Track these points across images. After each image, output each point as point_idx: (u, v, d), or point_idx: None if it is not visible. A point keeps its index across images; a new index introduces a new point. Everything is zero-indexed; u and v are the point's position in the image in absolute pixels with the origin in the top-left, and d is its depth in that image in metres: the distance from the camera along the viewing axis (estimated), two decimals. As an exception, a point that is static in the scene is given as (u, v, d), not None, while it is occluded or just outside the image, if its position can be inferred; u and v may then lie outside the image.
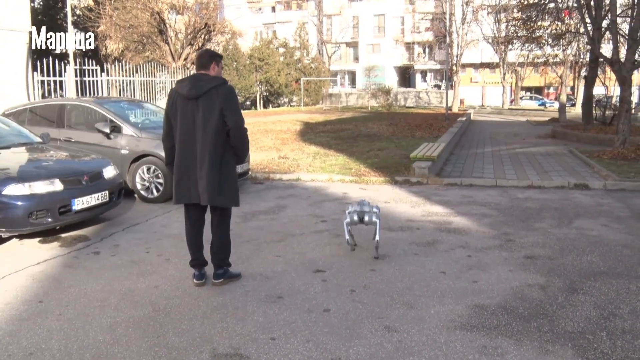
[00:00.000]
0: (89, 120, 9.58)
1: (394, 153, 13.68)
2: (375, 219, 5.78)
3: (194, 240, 5.13)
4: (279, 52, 49.40)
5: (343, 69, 67.30)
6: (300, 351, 3.81)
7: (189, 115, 4.81)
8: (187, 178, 4.88)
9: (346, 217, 5.89)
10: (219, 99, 4.74)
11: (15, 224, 6.31)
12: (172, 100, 4.92)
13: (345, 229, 5.91)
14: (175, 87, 4.99)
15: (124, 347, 3.91)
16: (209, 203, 4.86)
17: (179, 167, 4.92)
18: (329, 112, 37.04)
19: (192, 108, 4.79)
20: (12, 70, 13.43)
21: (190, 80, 4.91)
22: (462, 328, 4.14)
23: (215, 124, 4.74)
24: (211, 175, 4.78)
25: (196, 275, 5.12)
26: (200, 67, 4.94)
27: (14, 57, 13.53)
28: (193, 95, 4.77)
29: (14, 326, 4.31)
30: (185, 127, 4.84)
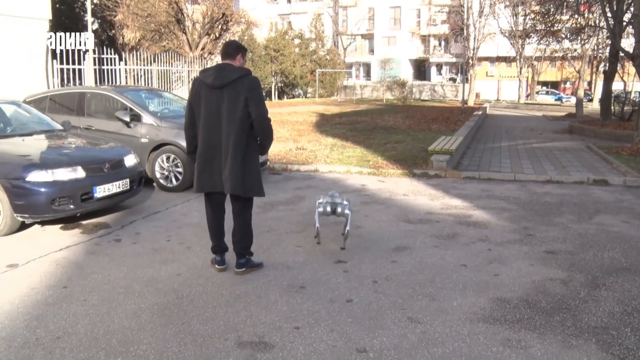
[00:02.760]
0: (108, 109, 9.63)
1: (411, 146, 13.64)
2: (347, 210, 5.82)
3: (216, 228, 5.17)
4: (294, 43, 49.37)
5: (358, 61, 67.09)
6: (325, 340, 3.82)
7: (214, 104, 4.80)
8: (210, 167, 4.88)
9: (318, 207, 5.88)
10: (243, 90, 4.74)
11: (38, 210, 6.37)
12: (196, 89, 4.90)
13: (316, 218, 5.84)
14: (199, 76, 4.96)
15: (149, 333, 3.95)
16: (233, 192, 4.86)
17: (202, 156, 4.91)
18: (344, 104, 36.98)
19: (217, 97, 4.78)
20: (32, 58, 13.52)
21: (215, 69, 4.89)
22: (485, 321, 4.14)
23: (240, 114, 4.75)
24: (235, 164, 4.79)
25: (217, 261, 5.19)
26: (226, 56, 4.93)
27: (35, 45, 13.62)
28: (218, 85, 4.77)
29: (40, 310, 4.37)
30: (209, 116, 4.83)
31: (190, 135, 5.05)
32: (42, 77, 13.73)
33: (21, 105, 8.65)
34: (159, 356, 3.62)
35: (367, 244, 6.05)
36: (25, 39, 13.30)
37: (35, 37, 13.62)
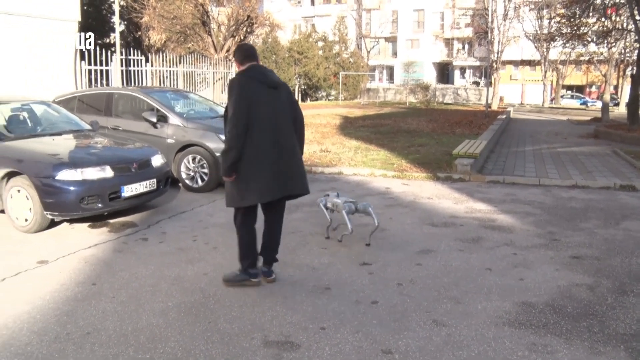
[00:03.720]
0: (135, 109, 9.75)
1: (434, 149, 13.61)
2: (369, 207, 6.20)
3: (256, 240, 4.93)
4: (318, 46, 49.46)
5: (381, 63, 67.00)
6: (350, 341, 3.85)
7: (271, 104, 4.60)
8: (278, 171, 4.61)
9: (344, 208, 6.09)
10: (287, 91, 4.82)
11: (67, 208, 6.48)
12: (254, 90, 4.53)
13: (346, 218, 6.04)
14: (252, 75, 4.60)
15: (177, 331, 4.01)
16: (302, 192, 4.85)
17: (268, 160, 4.56)
18: (367, 107, 36.97)
19: (274, 98, 4.64)
20: (61, 59, 13.74)
21: (264, 69, 4.75)
22: (510, 325, 4.13)
23: (291, 114, 4.78)
24: (301, 164, 4.83)
25: (266, 272, 4.99)
26: (254, 58, 4.77)
27: (64, 46, 13.84)
28: (275, 85, 4.67)
29: (70, 306, 4.45)
30: (273, 117, 4.59)
31: (243, 141, 4.48)
32: (70, 77, 13.95)
33: (51, 105, 8.80)
34: (187, 354, 3.68)
35: (391, 247, 6.06)
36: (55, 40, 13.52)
37: (64, 39, 13.84)
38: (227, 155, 4.48)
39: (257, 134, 4.49)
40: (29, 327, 4.09)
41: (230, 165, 4.49)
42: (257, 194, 4.58)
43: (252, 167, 4.51)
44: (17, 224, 6.66)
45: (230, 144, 4.44)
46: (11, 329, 4.06)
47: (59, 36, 13.67)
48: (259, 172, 4.53)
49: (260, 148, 4.51)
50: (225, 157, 4.50)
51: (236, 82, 4.52)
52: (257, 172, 4.52)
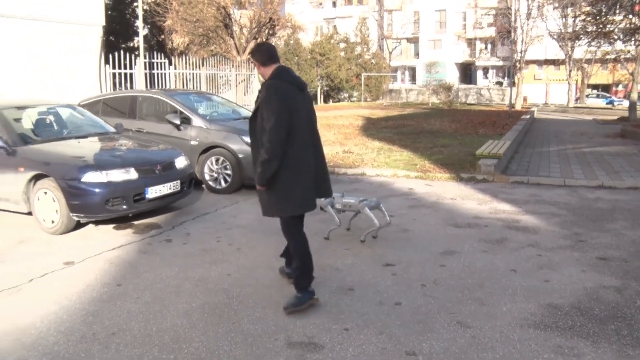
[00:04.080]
0: (159, 112, 9.84)
1: (458, 150, 13.51)
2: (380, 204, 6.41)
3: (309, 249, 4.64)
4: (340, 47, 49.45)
5: (403, 64, 66.76)
6: (374, 342, 3.83)
7: (303, 108, 4.40)
8: (315, 179, 4.45)
9: (364, 207, 6.21)
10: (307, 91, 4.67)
11: (92, 210, 6.56)
12: (291, 95, 4.31)
13: (371, 215, 6.15)
14: (286, 79, 4.38)
15: (200, 332, 4.03)
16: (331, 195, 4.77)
17: (305, 168, 4.36)
18: (389, 108, 36.88)
19: (305, 100, 4.48)
20: (86, 63, 13.92)
21: (292, 71, 4.57)
22: (536, 327, 4.08)
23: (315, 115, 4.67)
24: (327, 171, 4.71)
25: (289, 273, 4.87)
26: (278, 59, 4.54)
27: (89, 50, 14.02)
28: (303, 86, 4.51)
29: (96, 307, 4.50)
30: (304, 122, 4.38)
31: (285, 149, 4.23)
32: (95, 81, 14.12)
33: (76, 109, 8.91)
34: (211, 354, 3.69)
35: (415, 248, 6.03)
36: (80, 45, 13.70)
37: (89, 43, 14.02)
38: (268, 165, 4.18)
39: (298, 141, 4.29)
40: (56, 327, 4.14)
41: (271, 176, 4.23)
42: (297, 204, 4.38)
43: (293, 176, 4.28)
44: (44, 226, 6.76)
45: (273, 152, 4.15)
46: (39, 329, 4.12)
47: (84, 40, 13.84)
48: (299, 181, 4.32)
49: (300, 155, 4.31)
50: (267, 166, 4.18)
51: (273, 88, 4.24)
52: (297, 181, 4.31)
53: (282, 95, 4.23)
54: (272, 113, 4.16)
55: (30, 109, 8.19)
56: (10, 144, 6.96)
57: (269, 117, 4.16)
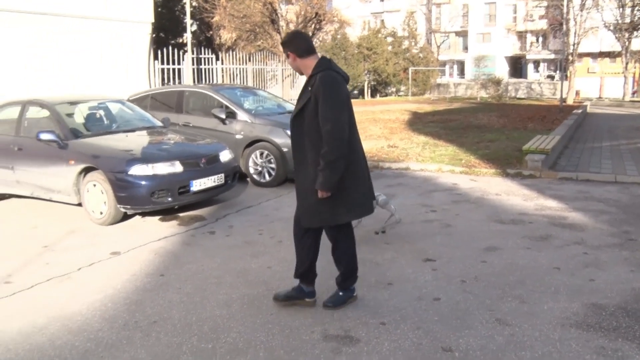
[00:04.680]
0: (205, 106, 10.00)
1: (504, 145, 13.27)
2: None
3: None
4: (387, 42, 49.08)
5: (452, 58, 65.87)
6: (410, 337, 3.82)
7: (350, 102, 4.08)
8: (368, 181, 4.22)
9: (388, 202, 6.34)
10: None
11: (138, 202, 6.72)
12: (345, 88, 4.01)
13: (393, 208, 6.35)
14: (338, 71, 4.03)
15: (239, 322, 4.09)
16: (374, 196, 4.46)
17: (361, 169, 4.10)
18: (437, 103, 36.48)
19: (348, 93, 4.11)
20: (136, 59, 14.24)
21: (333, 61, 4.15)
22: (578, 327, 3.97)
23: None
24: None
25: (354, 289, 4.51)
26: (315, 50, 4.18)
27: (138, 46, 14.33)
28: (348, 79, 4.15)
29: (139, 296, 4.62)
30: (353, 117, 4.07)
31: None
32: (144, 76, 14.43)
33: (125, 104, 9.13)
34: (247, 344, 3.75)
35: (456, 243, 5.96)
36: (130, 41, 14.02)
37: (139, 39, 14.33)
38: (336, 166, 3.79)
39: (353, 139, 3.98)
40: (101, 314, 4.27)
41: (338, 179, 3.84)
42: (357, 209, 4.11)
43: (352, 178, 3.97)
44: (93, 217, 6.96)
45: (341, 151, 3.79)
46: (85, 316, 4.26)
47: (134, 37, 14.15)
48: (359, 183, 4.04)
49: (357, 154, 4.03)
50: (335, 168, 3.79)
51: (332, 79, 3.88)
52: (357, 183, 4.02)
53: (340, 89, 3.89)
54: (334, 107, 3.80)
55: (81, 104, 8.45)
56: (62, 138, 7.19)
57: (331, 113, 3.78)
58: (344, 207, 3.98)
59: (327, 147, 3.77)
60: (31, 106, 7.99)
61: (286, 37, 4.17)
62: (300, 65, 4.08)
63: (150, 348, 3.73)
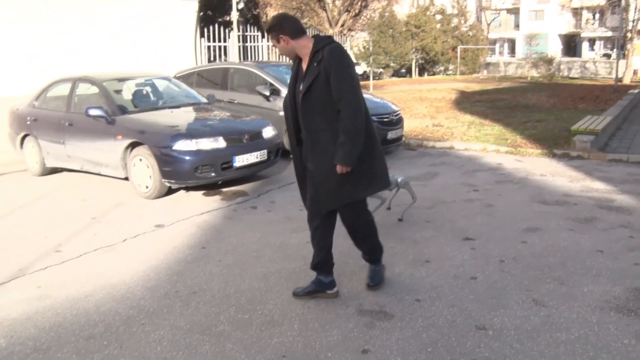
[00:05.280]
0: (250, 83, 10.07)
1: (553, 125, 12.97)
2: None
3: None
4: (436, 19, 48.27)
5: (502, 36, 64.41)
6: (444, 315, 3.82)
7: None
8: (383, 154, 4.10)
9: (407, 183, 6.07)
10: None
11: (183, 176, 6.87)
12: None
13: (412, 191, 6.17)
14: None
15: (275, 295, 4.18)
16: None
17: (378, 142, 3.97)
18: (485, 82, 35.80)
19: None
20: (183, 37, 14.41)
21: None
22: (618, 310, 3.89)
23: None
24: None
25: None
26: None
27: (185, 24, 14.50)
28: None
29: (180, 267, 4.76)
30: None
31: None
32: (191, 54, 14.60)
33: (171, 80, 9.29)
34: (283, 317, 3.83)
35: (497, 223, 5.90)
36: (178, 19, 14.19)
37: (186, 17, 14.48)
38: (357, 138, 3.68)
39: (366, 110, 3.82)
40: (144, 284, 4.42)
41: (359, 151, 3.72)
42: (378, 182, 3.96)
43: (370, 150, 3.83)
44: (139, 191, 7.15)
45: (361, 122, 3.69)
46: (128, 285, 4.42)
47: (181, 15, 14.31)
48: (377, 155, 3.91)
49: (371, 125, 3.87)
50: (357, 140, 3.68)
51: (344, 51, 3.75)
52: (375, 155, 3.89)
53: (351, 61, 3.76)
54: (349, 78, 3.66)
55: (129, 80, 8.63)
56: (110, 114, 7.37)
57: (349, 83, 3.65)
58: (364, 181, 3.84)
59: (348, 119, 3.64)
60: (81, 83, 8.21)
61: (274, 22, 3.86)
62: (295, 46, 3.82)
63: (189, 317, 3.85)
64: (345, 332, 3.61)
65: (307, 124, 3.81)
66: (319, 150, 3.78)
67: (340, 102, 3.65)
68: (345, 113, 3.64)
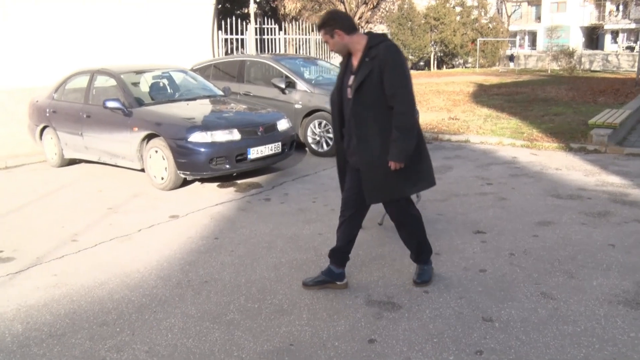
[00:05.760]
0: (266, 76, 10.12)
1: (570, 119, 12.87)
2: None
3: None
4: (455, 12, 47.93)
5: (523, 29, 63.75)
6: (452, 306, 3.86)
7: None
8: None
9: None
10: None
11: (198, 168, 6.95)
12: None
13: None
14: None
15: (286, 285, 4.24)
16: None
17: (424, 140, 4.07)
18: (504, 75, 35.52)
19: None
20: (200, 29, 14.48)
21: None
22: (626, 304, 3.89)
23: None
24: None
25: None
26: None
27: (202, 16, 14.56)
28: None
29: (193, 257, 4.84)
30: None
31: None
32: (208, 46, 14.67)
33: (188, 73, 9.37)
34: (292, 306, 3.89)
35: (510, 217, 5.90)
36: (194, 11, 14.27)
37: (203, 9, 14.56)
38: (411, 134, 3.76)
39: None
40: (157, 273, 4.51)
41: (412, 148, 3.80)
42: (427, 178, 4.03)
43: (418, 148, 3.89)
44: (155, 182, 7.25)
45: (414, 119, 3.78)
46: (142, 273, 4.51)
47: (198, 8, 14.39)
48: (424, 151, 3.98)
49: (418, 123, 4.00)
50: (410, 136, 3.75)
51: (399, 49, 3.83)
52: (423, 151, 3.96)
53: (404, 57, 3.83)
54: (403, 76, 3.73)
55: (146, 73, 8.73)
56: (127, 106, 7.48)
57: (404, 80, 3.72)
58: (412, 179, 3.91)
59: (402, 116, 3.70)
60: (99, 75, 8.32)
61: (329, 17, 3.92)
62: (349, 42, 3.87)
63: (200, 305, 3.93)
64: (353, 322, 3.66)
65: (357, 118, 3.81)
66: (367, 145, 3.82)
67: (394, 99, 3.71)
68: (399, 110, 3.70)
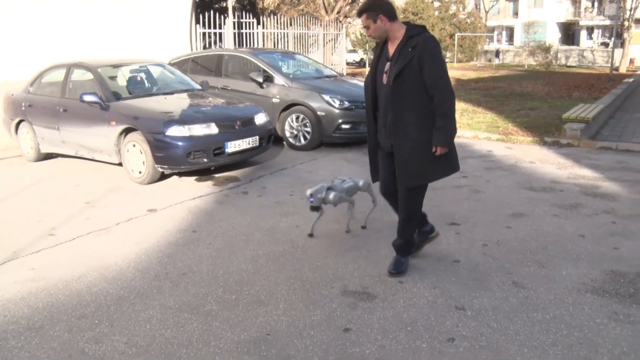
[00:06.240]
0: (244, 70, 10.15)
1: (545, 113, 13.08)
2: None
3: None
4: (434, 6, 48.18)
5: (501, 24, 64.23)
6: (426, 296, 3.95)
7: None
8: None
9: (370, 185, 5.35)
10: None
11: (175, 162, 6.96)
12: None
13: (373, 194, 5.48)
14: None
15: (263, 277, 4.30)
16: None
17: None
18: (482, 70, 35.86)
19: None
20: (178, 23, 14.44)
21: None
22: (594, 292, 4.02)
23: None
24: None
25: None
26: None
27: (180, 10, 14.52)
28: None
29: (171, 250, 4.88)
30: None
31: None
32: (186, 40, 14.63)
33: (165, 67, 9.35)
34: (269, 297, 3.95)
35: (484, 209, 6.02)
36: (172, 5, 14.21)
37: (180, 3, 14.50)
38: (454, 120, 3.99)
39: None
40: (135, 266, 4.54)
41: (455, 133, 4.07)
42: (456, 164, 4.25)
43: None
44: (133, 176, 7.25)
45: (454, 106, 4.00)
46: (120, 266, 4.54)
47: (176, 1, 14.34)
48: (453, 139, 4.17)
49: None
50: (453, 122, 3.98)
51: (436, 40, 4.01)
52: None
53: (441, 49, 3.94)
54: (442, 66, 3.91)
55: (123, 67, 8.69)
56: (104, 100, 7.45)
57: (441, 71, 3.89)
58: (443, 165, 4.11)
59: (446, 104, 3.88)
60: (76, 69, 8.27)
61: (373, 1, 4.00)
62: (390, 29, 4.00)
63: (178, 297, 3.97)
64: (329, 311, 3.73)
65: (394, 104, 3.96)
66: (403, 130, 3.97)
67: (435, 88, 3.87)
68: (440, 98, 3.88)
